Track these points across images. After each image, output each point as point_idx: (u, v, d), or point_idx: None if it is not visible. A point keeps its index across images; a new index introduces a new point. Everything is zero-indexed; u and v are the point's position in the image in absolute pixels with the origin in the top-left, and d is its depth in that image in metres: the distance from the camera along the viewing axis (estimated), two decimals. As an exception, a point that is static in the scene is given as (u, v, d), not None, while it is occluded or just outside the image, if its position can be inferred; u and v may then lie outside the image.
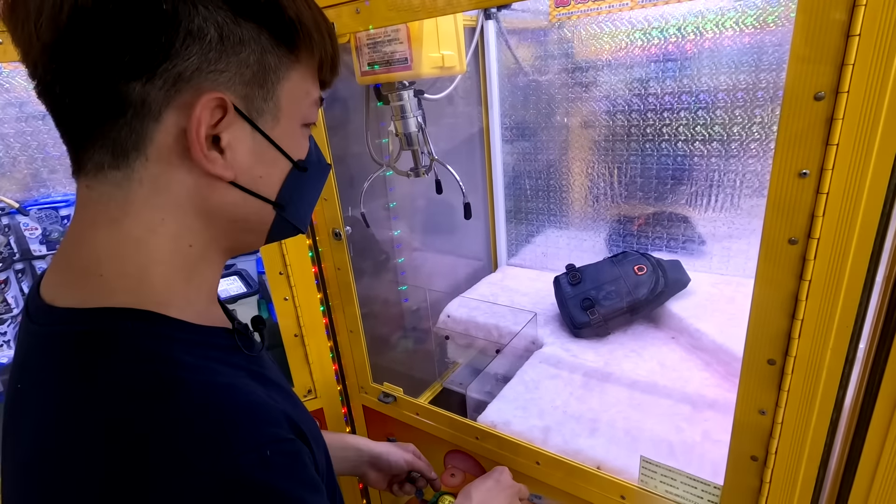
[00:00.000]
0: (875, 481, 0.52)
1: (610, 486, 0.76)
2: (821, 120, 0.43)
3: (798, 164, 0.45)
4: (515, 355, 1.17)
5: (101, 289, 0.36)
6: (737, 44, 1.04)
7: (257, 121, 0.38)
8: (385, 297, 1.31)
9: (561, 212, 1.43)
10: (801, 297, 0.49)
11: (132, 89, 0.33)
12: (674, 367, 1.03)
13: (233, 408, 0.34)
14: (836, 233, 0.46)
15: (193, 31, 0.33)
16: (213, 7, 0.34)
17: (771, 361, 0.53)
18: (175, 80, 0.34)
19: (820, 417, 0.53)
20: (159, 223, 0.37)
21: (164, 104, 0.35)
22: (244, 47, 0.36)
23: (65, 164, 1.33)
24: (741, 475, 0.61)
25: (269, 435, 0.34)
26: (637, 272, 1.15)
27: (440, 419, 0.95)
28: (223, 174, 0.37)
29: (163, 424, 0.32)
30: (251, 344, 0.44)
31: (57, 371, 0.35)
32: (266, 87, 0.38)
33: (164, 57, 0.33)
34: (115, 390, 0.33)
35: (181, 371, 0.34)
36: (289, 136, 0.41)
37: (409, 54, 0.74)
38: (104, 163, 0.36)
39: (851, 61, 0.40)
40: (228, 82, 0.36)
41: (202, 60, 0.34)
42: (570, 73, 1.26)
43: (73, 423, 0.32)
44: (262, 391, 0.38)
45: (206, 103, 0.35)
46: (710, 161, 1.15)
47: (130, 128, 0.35)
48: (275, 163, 0.41)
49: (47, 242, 1.26)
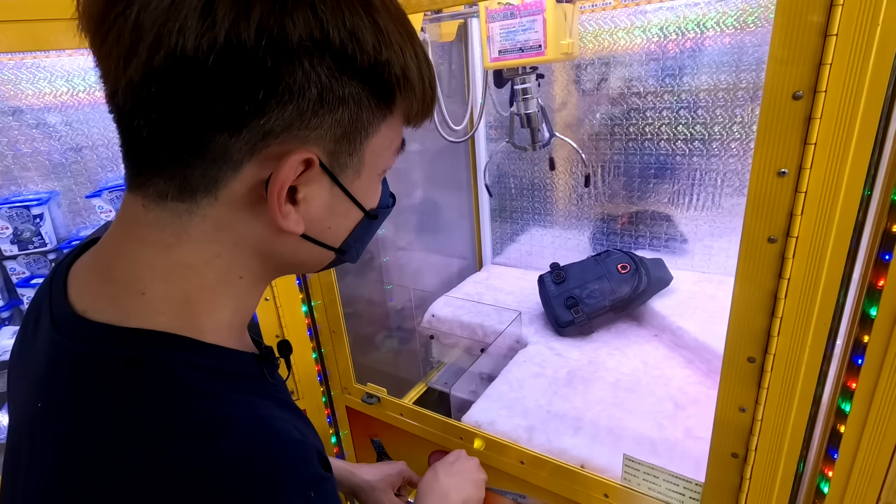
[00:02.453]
0: (851, 477, 0.52)
1: (594, 485, 0.76)
2: (799, 119, 0.43)
3: (777, 163, 0.45)
4: (500, 354, 1.17)
5: (143, 308, 0.34)
6: (717, 44, 1.05)
7: (339, 176, 0.37)
8: (369, 296, 1.30)
9: (545, 211, 1.43)
10: (780, 295, 0.49)
11: (216, 139, 0.32)
12: (656, 365, 1.04)
13: (277, 449, 0.33)
14: (814, 231, 0.46)
15: (293, 90, 0.31)
16: (318, 63, 0.31)
17: (751, 359, 0.54)
18: (263, 136, 0.32)
19: (798, 414, 0.54)
20: (214, 256, 0.36)
21: (246, 157, 0.33)
22: (342, 106, 0.34)
23: (36, 162, 1.29)
24: (722, 472, 0.61)
25: (310, 476, 0.34)
26: (620, 270, 1.16)
27: (424, 419, 0.94)
28: (294, 229, 0.36)
29: (210, 467, 0.31)
30: (275, 371, 0.43)
31: (97, 398, 0.32)
32: (355, 143, 0.36)
33: (257, 113, 0.31)
34: (164, 429, 0.31)
35: (228, 408, 0.34)
36: (365, 188, 0.40)
37: (543, 41, 0.81)
38: (168, 193, 0.34)
39: (829, 61, 0.41)
40: (319, 139, 0.34)
41: (295, 118, 0.32)
42: (555, 71, 1.26)
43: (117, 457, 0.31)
44: (291, 424, 0.37)
45: (294, 162, 0.33)
46: (692, 160, 1.16)
47: (205, 172, 0.33)
48: (347, 214, 0.40)
49: (19, 242, 1.22)
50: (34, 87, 1.22)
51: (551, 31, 0.80)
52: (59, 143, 1.29)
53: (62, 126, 1.28)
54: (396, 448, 1.06)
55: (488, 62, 0.86)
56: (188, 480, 0.30)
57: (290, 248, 0.38)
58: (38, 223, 1.22)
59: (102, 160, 1.34)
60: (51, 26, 0.71)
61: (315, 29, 0.31)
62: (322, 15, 0.31)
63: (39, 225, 1.23)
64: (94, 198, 1.26)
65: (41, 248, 1.24)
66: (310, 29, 0.30)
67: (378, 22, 0.33)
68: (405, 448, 1.04)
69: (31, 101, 1.24)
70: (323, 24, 0.31)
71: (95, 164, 1.34)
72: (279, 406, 0.39)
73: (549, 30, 0.80)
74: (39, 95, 1.23)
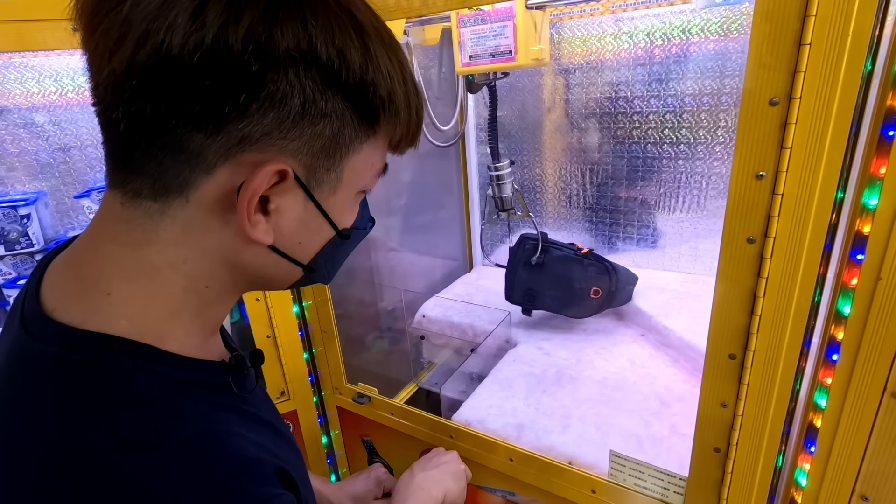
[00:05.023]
0: (827, 469, 0.54)
1: (581, 481, 0.77)
2: (775, 124, 0.45)
3: (755, 167, 0.47)
4: (490, 354, 1.18)
5: (106, 310, 0.34)
6: (702, 50, 1.07)
7: (314, 190, 0.36)
8: (360, 297, 1.30)
9: (535, 212, 1.45)
10: (759, 293, 0.51)
11: (192, 139, 0.32)
12: (643, 364, 1.06)
13: (226, 466, 0.33)
14: (790, 232, 0.48)
15: (276, 98, 0.31)
16: (304, 74, 0.32)
17: (732, 356, 0.55)
18: (240, 140, 0.32)
19: (777, 409, 0.55)
20: (181, 262, 0.36)
21: (220, 159, 0.33)
22: (323, 119, 0.34)
23: (24, 162, 1.28)
24: (705, 467, 0.63)
25: (262, 495, 0.33)
26: (592, 295, 1.13)
27: (415, 419, 0.95)
28: (262, 239, 0.36)
29: (152, 481, 0.30)
30: (243, 381, 0.42)
31: (48, 400, 0.32)
32: (333, 159, 0.36)
33: (237, 117, 0.31)
34: (110, 438, 0.31)
35: (177, 422, 0.33)
36: (340, 206, 0.39)
37: (514, 47, 0.82)
38: (142, 191, 0.34)
39: (803, 69, 0.43)
40: (297, 151, 0.34)
41: (275, 126, 0.32)
42: (542, 75, 1.28)
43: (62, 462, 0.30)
44: (252, 438, 0.37)
45: (268, 172, 0.33)
46: (678, 163, 1.18)
47: (178, 172, 0.33)
48: (318, 231, 0.39)
49: (5, 243, 1.21)
50: (22, 87, 1.21)
51: (521, 37, 0.81)
52: (46, 143, 1.29)
53: (50, 126, 1.28)
54: (387, 447, 1.07)
55: (460, 67, 0.88)
56: (127, 494, 0.30)
57: (258, 259, 0.38)
58: (26, 223, 1.21)
59: (91, 160, 1.33)
60: (36, 26, 0.72)
61: (303, 41, 0.31)
62: (312, 30, 0.31)
63: (27, 225, 1.22)
64: (83, 198, 1.25)
65: (28, 248, 1.23)
66: (298, 40, 0.31)
67: (367, 44, 0.34)
68: (396, 447, 1.04)
69: (18, 100, 1.23)
70: (312, 38, 0.31)
71: (84, 165, 1.33)
72: (244, 419, 0.38)
73: (520, 36, 0.81)
74: (27, 95, 1.23)
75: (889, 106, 0.41)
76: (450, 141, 1.33)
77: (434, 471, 0.70)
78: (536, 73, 1.28)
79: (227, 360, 0.41)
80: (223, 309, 0.41)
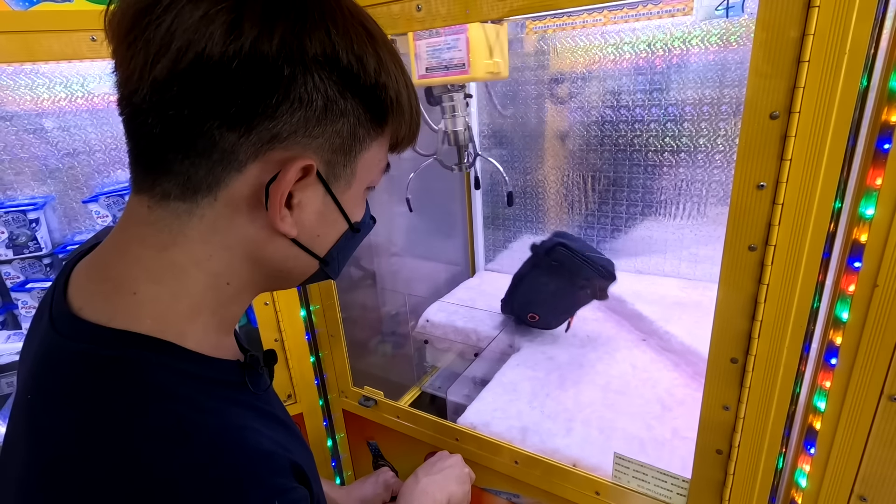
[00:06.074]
0: (827, 471, 0.56)
1: (585, 483, 0.79)
2: (776, 137, 0.47)
3: (756, 177, 0.49)
4: (493, 358, 1.19)
5: (132, 309, 0.36)
6: (702, 60, 1.09)
7: (332, 185, 0.40)
8: (364, 301, 1.32)
9: (537, 218, 1.47)
10: (760, 299, 0.53)
11: (225, 138, 0.34)
12: (644, 369, 1.07)
13: (244, 457, 0.35)
14: (790, 240, 0.50)
15: (303, 98, 0.35)
16: (326, 78, 0.35)
17: (733, 360, 0.57)
18: (270, 139, 0.35)
19: (778, 411, 0.57)
20: (206, 259, 0.38)
21: (251, 157, 0.35)
22: (343, 118, 0.37)
23: (32, 167, 1.30)
24: (707, 468, 0.64)
25: (277, 486, 0.35)
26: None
27: (420, 421, 0.96)
28: (289, 232, 0.38)
29: (177, 470, 0.32)
30: (258, 380, 0.44)
31: (79, 395, 0.34)
32: (349, 156, 0.40)
33: (268, 117, 0.34)
34: (136, 428, 0.33)
35: (199, 415, 0.35)
36: (352, 200, 0.43)
37: (467, 60, 0.82)
38: (171, 193, 0.36)
39: (802, 84, 0.44)
40: (319, 148, 0.37)
41: (301, 125, 0.36)
42: (545, 84, 1.30)
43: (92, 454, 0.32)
44: (268, 434, 0.39)
45: (297, 167, 0.36)
46: (679, 171, 1.20)
47: (210, 171, 0.35)
48: (335, 224, 0.42)
49: (14, 246, 1.22)
50: (32, 93, 1.23)
51: (475, 50, 0.81)
52: (55, 149, 1.30)
53: (58, 131, 1.29)
54: (392, 450, 1.08)
55: (416, 79, 0.88)
56: (152, 482, 0.31)
57: (280, 252, 0.40)
58: (34, 228, 1.23)
59: (99, 165, 1.35)
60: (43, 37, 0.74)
61: (328, 48, 0.35)
62: (335, 38, 0.35)
63: (35, 229, 1.23)
64: (91, 203, 1.26)
65: (36, 252, 1.24)
66: (323, 47, 0.35)
67: (378, 52, 0.38)
68: (401, 450, 1.05)
69: (28, 106, 1.24)
70: (335, 45, 0.35)
71: (91, 170, 1.34)
72: (259, 416, 0.40)
73: (473, 49, 0.81)
74: (37, 101, 1.24)
75: (884, 120, 0.43)
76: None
77: (438, 475, 0.71)
78: (539, 81, 1.30)
79: (241, 360, 0.43)
80: (239, 308, 0.43)
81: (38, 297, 1.22)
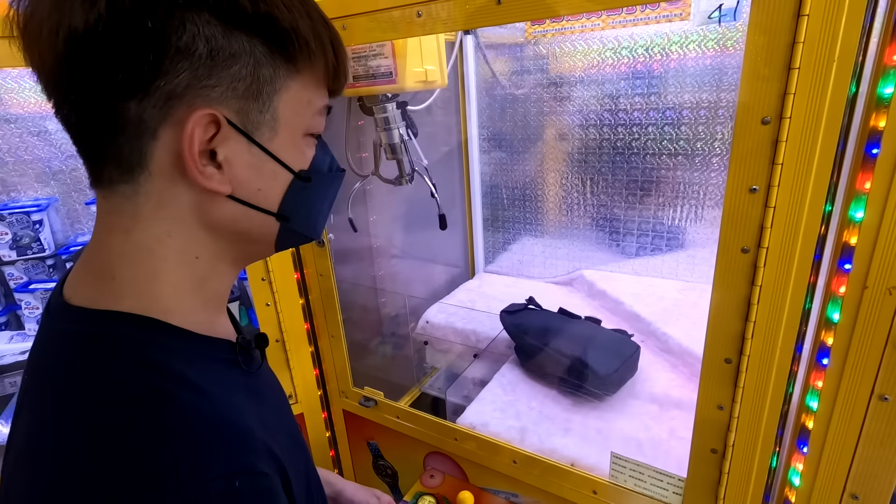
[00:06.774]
0: (819, 469, 0.57)
1: (583, 483, 0.79)
2: (767, 142, 0.48)
3: (748, 181, 0.50)
4: (492, 359, 1.20)
5: (113, 291, 0.38)
6: (699, 64, 1.10)
7: (253, 134, 0.38)
8: (364, 303, 1.33)
9: (536, 220, 1.48)
10: (753, 300, 0.54)
11: (128, 108, 0.34)
12: (642, 369, 1.08)
13: (214, 430, 0.35)
14: (782, 242, 0.51)
15: (182, 48, 0.33)
16: (202, 22, 0.34)
17: (727, 360, 0.58)
18: (167, 98, 0.34)
19: (771, 411, 0.58)
20: (166, 235, 0.38)
21: (159, 121, 0.35)
22: (236, 61, 0.36)
23: (35, 169, 1.31)
24: (702, 467, 0.65)
25: (243, 465, 0.34)
26: None
27: (420, 422, 0.97)
28: (219, 189, 0.38)
29: (144, 436, 0.32)
30: (250, 360, 0.44)
31: (61, 369, 0.36)
32: (261, 100, 0.38)
33: (155, 75, 0.34)
34: (109, 394, 0.34)
35: (173, 384, 0.35)
36: (289, 147, 0.41)
37: (394, 68, 0.77)
38: (114, 177, 0.37)
39: (793, 91, 0.46)
40: (221, 97, 0.36)
41: (192, 77, 0.34)
42: (544, 87, 1.31)
43: (70, 419, 0.34)
44: (252, 411, 0.39)
45: (198, 120, 0.35)
46: (676, 174, 1.22)
47: (131, 145, 0.35)
48: (275, 175, 0.41)
49: (17, 248, 1.23)
50: (37, 96, 1.24)
51: (402, 58, 0.76)
52: (58, 151, 1.31)
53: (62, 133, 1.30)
54: (392, 450, 1.09)
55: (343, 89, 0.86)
56: (121, 444, 0.32)
57: (227, 213, 0.39)
58: (38, 229, 1.24)
59: (101, 167, 1.36)
60: None
61: None
62: None
63: (39, 231, 1.24)
64: (94, 205, 1.27)
65: (39, 253, 1.25)
66: None
67: None
68: (401, 450, 1.06)
69: (32, 108, 1.26)
70: None
71: (94, 172, 1.36)
72: (246, 393, 0.41)
73: (400, 56, 0.76)
74: (41, 104, 1.25)
75: (872, 126, 0.45)
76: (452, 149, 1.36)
77: None
78: (538, 85, 1.32)
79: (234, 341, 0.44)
80: (219, 283, 0.43)
81: (41, 297, 1.23)
